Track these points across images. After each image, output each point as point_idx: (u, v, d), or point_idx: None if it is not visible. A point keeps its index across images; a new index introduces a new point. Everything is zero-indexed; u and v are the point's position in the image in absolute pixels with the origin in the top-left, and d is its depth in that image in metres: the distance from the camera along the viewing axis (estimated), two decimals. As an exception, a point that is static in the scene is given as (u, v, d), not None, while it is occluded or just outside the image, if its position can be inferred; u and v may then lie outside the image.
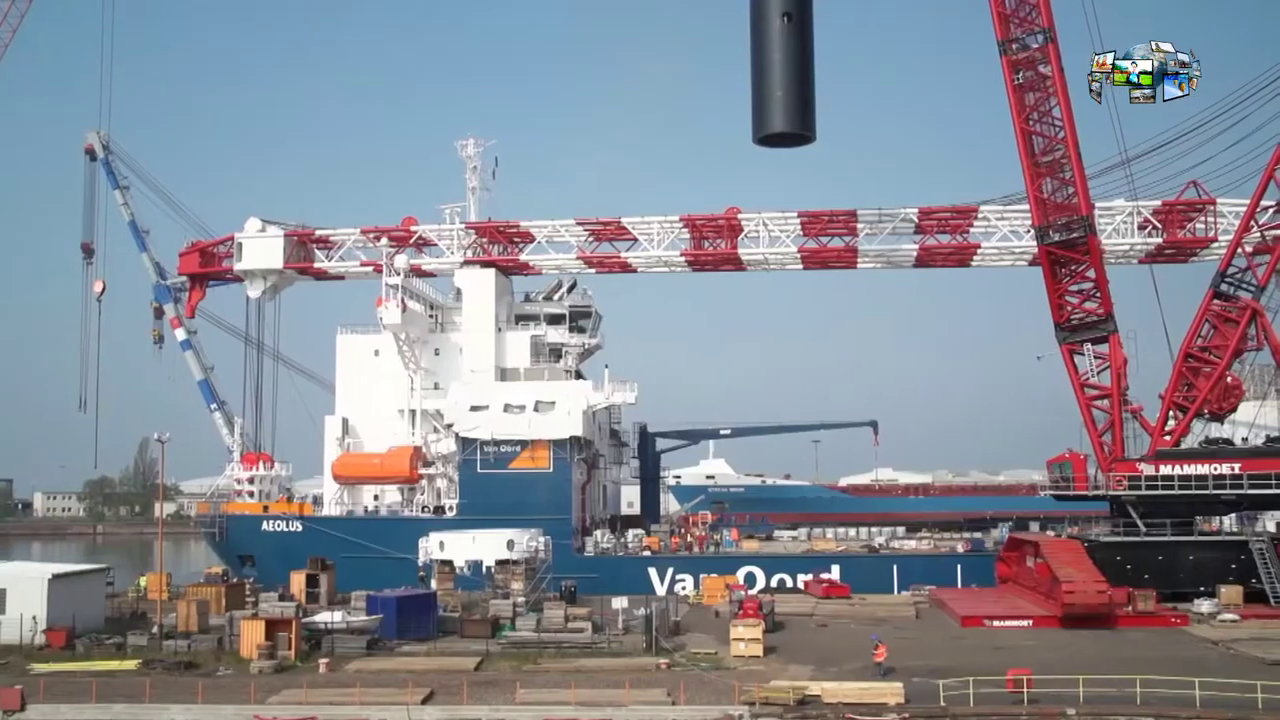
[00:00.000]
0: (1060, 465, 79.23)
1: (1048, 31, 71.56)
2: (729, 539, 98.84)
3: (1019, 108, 73.22)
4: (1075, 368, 76.14)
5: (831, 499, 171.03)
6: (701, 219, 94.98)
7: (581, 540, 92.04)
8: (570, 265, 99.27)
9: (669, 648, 57.73)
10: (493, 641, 60.07)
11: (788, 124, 72.17)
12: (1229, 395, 75.12)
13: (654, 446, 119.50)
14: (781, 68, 70.78)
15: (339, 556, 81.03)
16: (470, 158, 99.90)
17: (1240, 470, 72.77)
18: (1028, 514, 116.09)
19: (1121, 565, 71.56)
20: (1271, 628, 63.89)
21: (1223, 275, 74.51)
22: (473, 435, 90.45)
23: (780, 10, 69.30)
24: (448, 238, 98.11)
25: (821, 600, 77.82)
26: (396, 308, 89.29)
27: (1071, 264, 75.17)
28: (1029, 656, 53.45)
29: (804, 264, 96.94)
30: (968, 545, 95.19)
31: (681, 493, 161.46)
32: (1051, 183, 74.34)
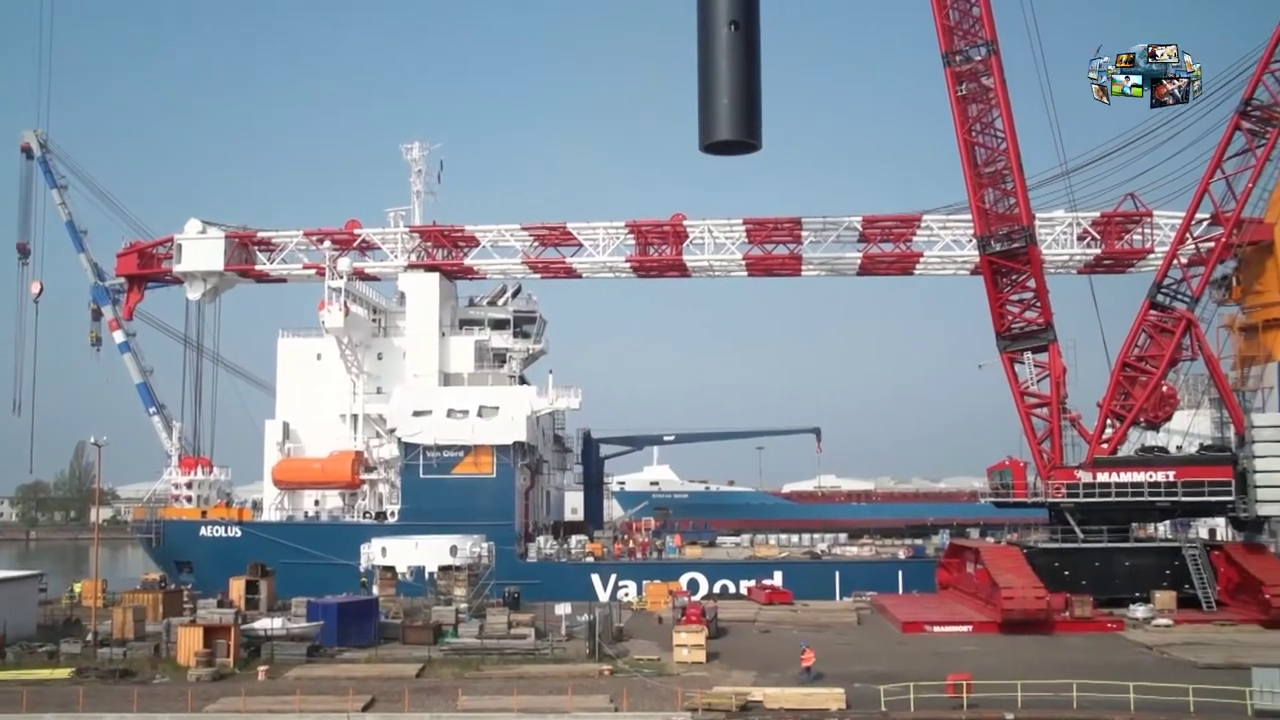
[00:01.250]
0: (1000, 473, 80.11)
1: (990, 44, 72.42)
2: (672, 545, 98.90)
3: (962, 119, 73.99)
4: (1015, 376, 76.97)
5: (775, 505, 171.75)
6: (647, 225, 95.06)
7: (525, 546, 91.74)
8: (515, 270, 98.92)
9: (612, 654, 57.67)
10: (435, 648, 59.72)
11: (734, 132, 72.85)
12: (1164, 404, 76.35)
13: (598, 452, 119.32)
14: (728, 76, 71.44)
15: (279, 562, 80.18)
16: (415, 161, 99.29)
17: (1174, 478, 73.96)
18: (968, 521, 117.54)
19: (1059, 571, 72.49)
20: (1203, 632, 65.10)
21: (1159, 286, 75.73)
22: (415, 440, 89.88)
23: (728, 19, 70.05)
24: (392, 241, 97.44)
25: (764, 606, 78.08)
26: (339, 311, 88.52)
27: (1012, 273, 76.03)
28: (969, 662, 54.01)
29: (749, 271, 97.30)
30: (909, 552, 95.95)
31: (625, 499, 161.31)
32: (993, 193, 75.17)
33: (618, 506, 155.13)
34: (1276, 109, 72.50)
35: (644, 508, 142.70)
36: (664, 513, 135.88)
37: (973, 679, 47.09)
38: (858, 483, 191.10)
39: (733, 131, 62.23)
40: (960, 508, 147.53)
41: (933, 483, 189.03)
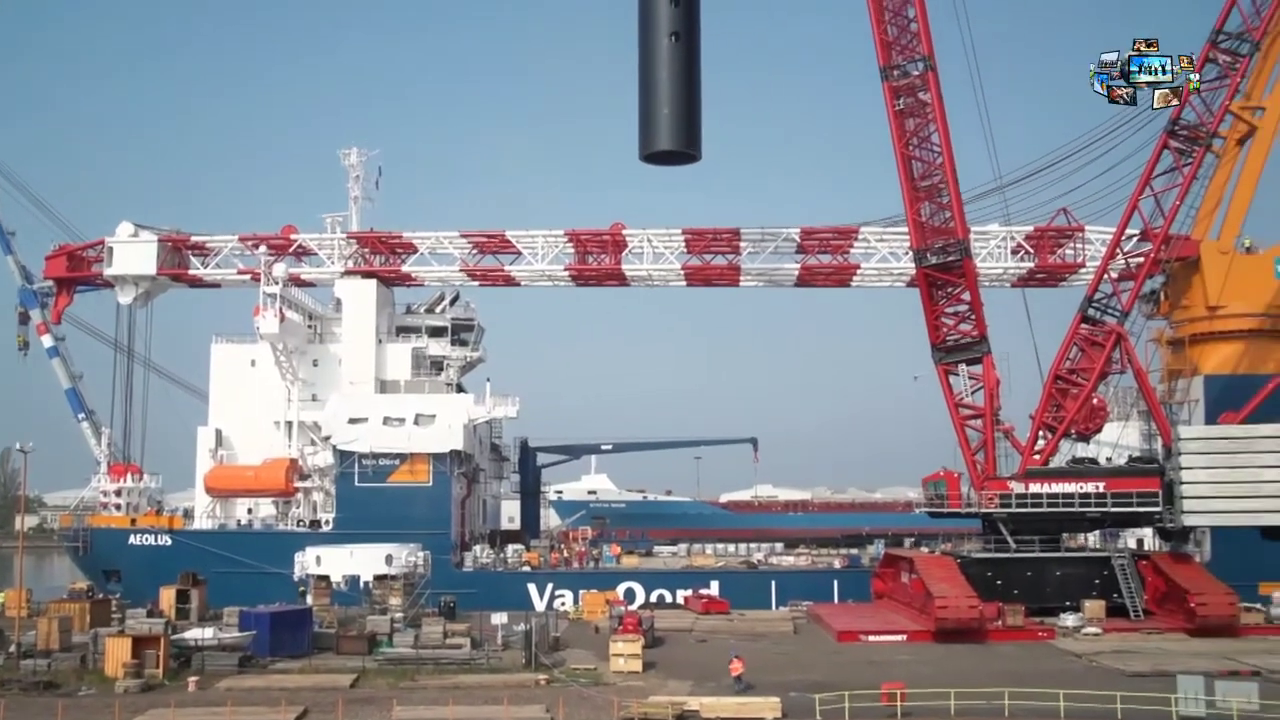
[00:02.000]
0: (935, 483, 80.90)
1: (928, 60, 73.32)
2: (609, 554, 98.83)
3: (899, 133, 74.81)
4: (950, 388, 77.81)
5: (712, 515, 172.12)
6: (586, 234, 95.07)
7: (461, 555, 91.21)
8: (453, 278, 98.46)
9: (548, 663, 57.45)
10: (369, 658, 59.12)
11: (674, 142, 72.96)
12: (1095, 416, 77.56)
13: (535, 461, 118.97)
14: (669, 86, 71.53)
15: (211, 571, 79.05)
16: (353, 167, 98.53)
17: (1104, 489, 75.11)
18: (903, 530, 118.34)
19: (992, 581, 73.34)
20: (1131, 641, 66.20)
21: (1090, 300, 76.96)
22: (351, 448, 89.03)
23: (668, 30, 70.19)
24: (328, 247, 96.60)
25: (701, 616, 78.22)
26: (274, 317, 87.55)
27: (948, 286, 76.91)
28: (903, 670, 54.51)
29: (687, 281, 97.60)
30: (845, 561, 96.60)
31: (563, 508, 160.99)
32: (930, 206, 76.03)
33: (555, 515, 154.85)
34: (1202, 129, 74.05)
35: (581, 517, 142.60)
36: (601, 522, 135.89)
37: (907, 687, 47.51)
38: (794, 492, 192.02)
39: (673, 142, 62.41)
40: (895, 518, 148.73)
41: (868, 493, 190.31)
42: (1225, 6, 73.46)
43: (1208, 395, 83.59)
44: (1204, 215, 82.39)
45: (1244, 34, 73.50)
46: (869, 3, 73.50)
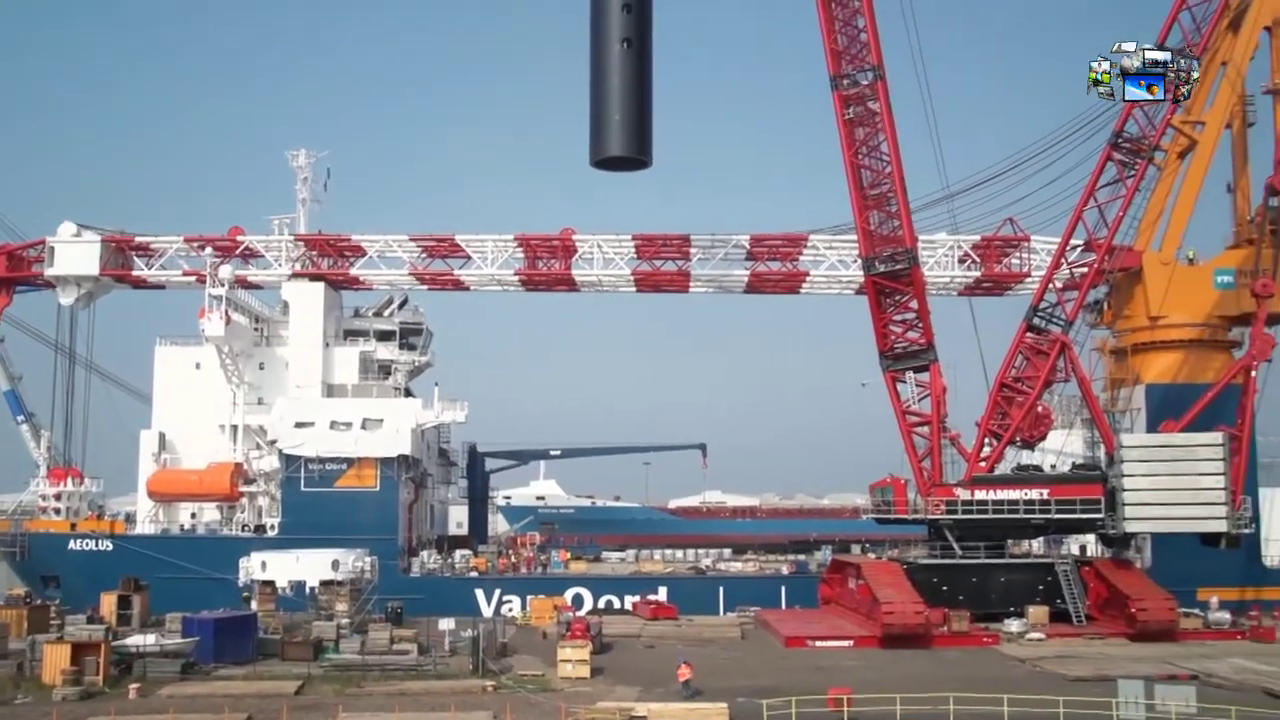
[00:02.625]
0: (882, 490, 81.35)
1: (877, 69, 73.94)
2: (557, 560, 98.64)
3: (849, 142, 75.35)
4: (898, 395, 78.39)
5: (660, 521, 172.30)
6: (536, 239, 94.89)
7: (408, 561, 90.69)
8: (402, 281, 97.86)
9: (496, 669, 57.27)
10: (315, 664, 58.64)
11: (624, 148, 73.09)
12: (1039, 424, 78.48)
13: (483, 466, 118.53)
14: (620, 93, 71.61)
15: (153, 577, 77.87)
16: (301, 169, 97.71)
17: (1048, 496, 75.95)
18: (850, 537, 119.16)
19: (938, 587, 73.97)
20: (1074, 646, 67.06)
21: (1035, 310, 77.88)
22: (297, 452, 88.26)
23: (620, 36, 70.31)
24: (276, 249, 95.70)
25: (649, 621, 78.27)
26: (220, 319, 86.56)
27: (896, 294, 77.51)
28: (850, 676, 54.79)
29: (637, 287, 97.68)
30: (792, 567, 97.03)
31: (511, 513, 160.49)
32: (878, 215, 76.61)
33: (503, 521, 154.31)
34: (1145, 142, 75.26)
35: (529, 522, 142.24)
36: (550, 527, 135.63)
37: (853, 692, 47.78)
38: (743, 499, 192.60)
39: (623, 148, 62.50)
40: (843, 524, 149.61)
41: (816, 499, 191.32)
42: (1166, 23, 74.76)
43: (1149, 404, 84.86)
44: (1146, 227, 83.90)
45: (1185, 50, 74.55)
46: (819, 12, 74.01)
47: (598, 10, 63.37)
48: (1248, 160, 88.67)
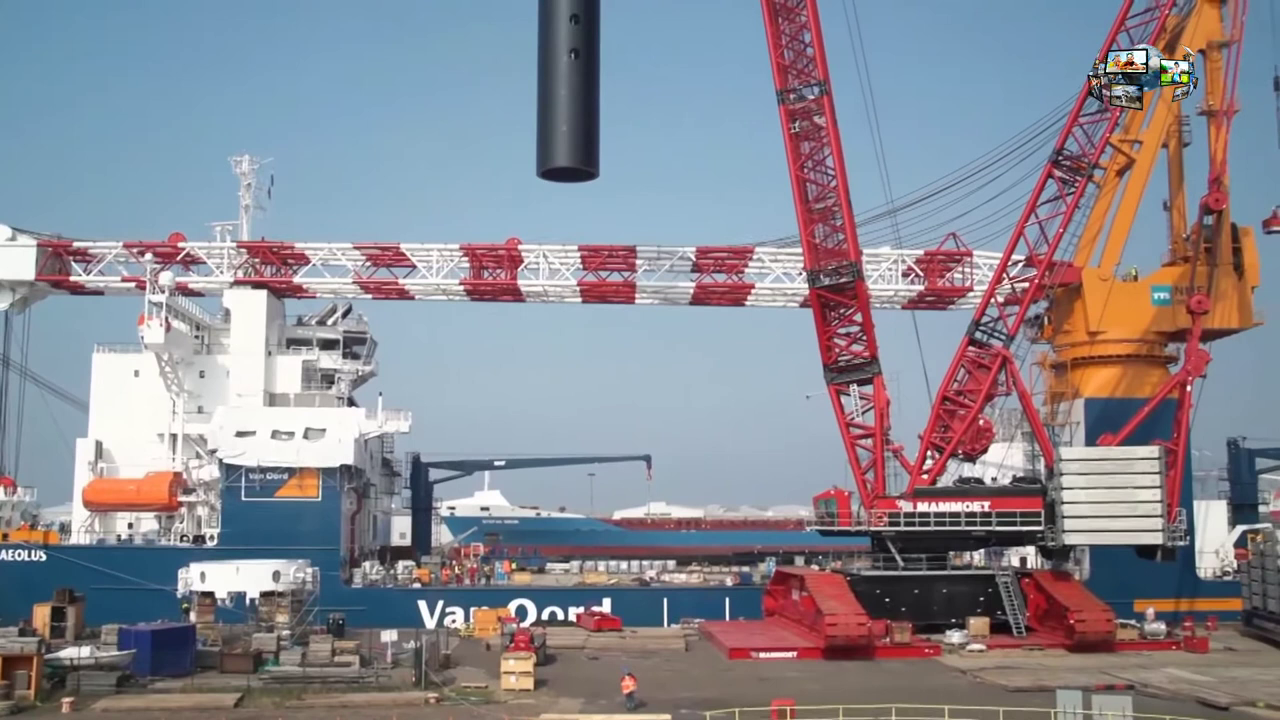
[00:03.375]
0: (825, 502, 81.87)
1: (823, 84, 74.55)
2: (501, 571, 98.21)
3: (794, 155, 75.85)
4: (842, 408, 78.84)
5: (605, 532, 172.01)
6: (482, 248, 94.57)
7: (350, 572, 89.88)
8: (346, 290, 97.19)
9: (439, 681, 56.85)
10: (254, 676, 57.79)
11: (572, 159, 73.26)
12: (981, 437, 79.34)
13: (427, 477, 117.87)
14: (567, 103, 71.79)
15: (89, 588, 76.56)
16: (244, 175, 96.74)
17: (989, 508, 76.73)
18: (794, 548, 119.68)
19: (881, 598, 74.48)
20: (1014, 656, 67.77)
21: (977, 324, 78.75)
22: (238, 462, 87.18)
23: (568, 47, 70.46)
24: (217, 256, 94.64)
25: (593, 633, 78.13)
26: (160, 327, 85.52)
27: (840, 307, 78.04)
28: (793, 687, 54.98)
29: (583, 298, 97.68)
30: (736, 579, 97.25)
31: (455, 524, 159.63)
32: (823, 229, 77.14)
33: (447, 532, 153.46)
34: (1085, 160, 76.51)
35: (473, 533, 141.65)
36: (494, 538, 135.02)
37: (796, 704, 47.95)
38: (687, 510, 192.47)
39: (571, 158, 62.55)
40: (787, 535, 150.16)
41: (761, 511, 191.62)
42: (1105, 43, 75.86)
43: (1088, 417, 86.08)
44: (1086, 243, 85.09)
45: (1123, 70, 75.91)
46: (767, 27, 74.54)
47: (546, 21, 63.46)
48: (1183, 179, 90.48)
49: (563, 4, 63.15)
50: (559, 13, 63.08)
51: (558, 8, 63.15)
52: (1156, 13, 76.01)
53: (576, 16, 63.03)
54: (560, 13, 63.08)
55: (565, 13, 63.34)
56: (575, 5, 63.14)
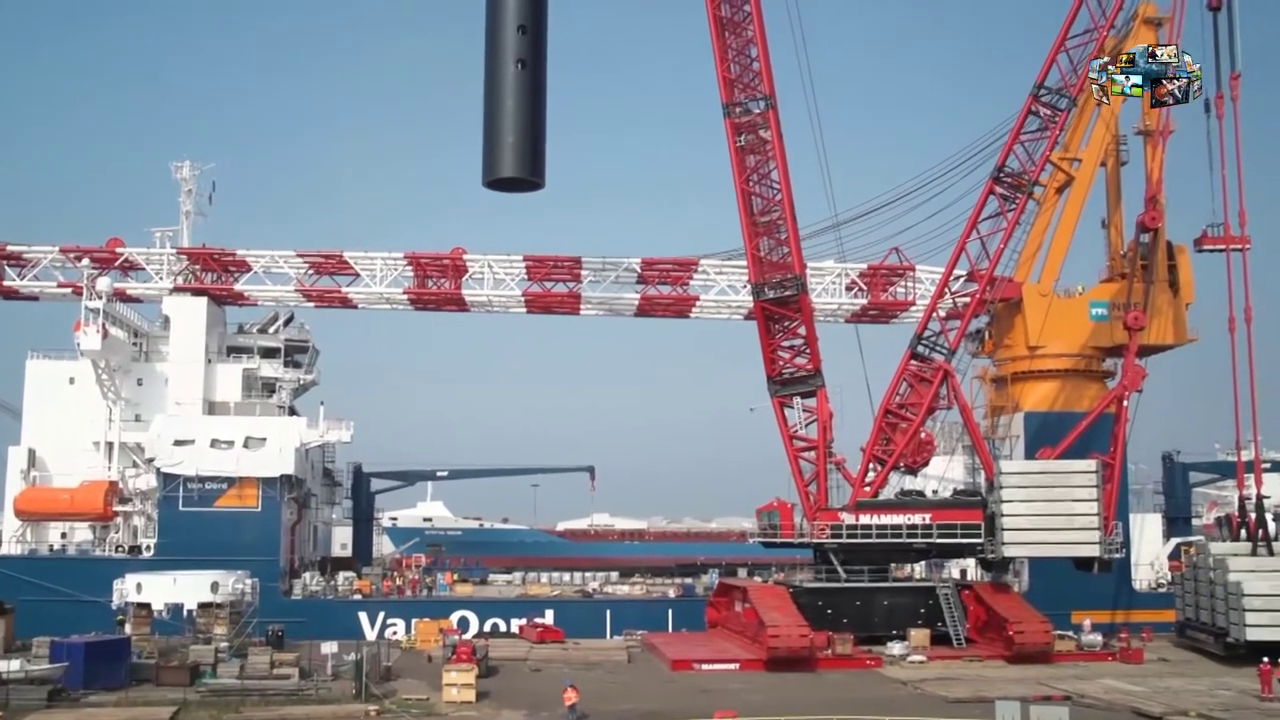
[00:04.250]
0: (768, 513, 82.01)
1: (769, 99, 75.05)
2: (443, 583, 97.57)
3: (740, 169, 76.27)
4: (785, 420, 79.24)
5: (549, 543, 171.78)
6: (426, 257, 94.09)
7: (290, 583, 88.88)
8: (288, 298, 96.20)
9: (379, 694, 56.30)
10: (191, 689, 56.94)
11: (518, 169, 73.21)
12: (922, 450, 79.99)
13: (369, 487, 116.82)
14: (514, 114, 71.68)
15: (19, 599, 74.76)
16: (185, 180, 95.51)
17: (930, 520, 77.39)
18: (737, 560, 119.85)
19: (823, 610, 74.80)
20: (954, 668, 68.29)
21: (919, 338, 79.52)
22: (176, 471, 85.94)
23: (515, 57, 70.41)
24: (157, 262, 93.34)
25: (535, 645, 77.72)
26: (96, 333, 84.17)
27: (784, 320, 78.48)
28: (735, 699, 55.07)
29: (528, 308, 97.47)
30: (679, 590, 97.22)
31: (397, 535, 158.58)
32: (768, 242, 77.58)
33: (388, 542, 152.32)
34: (1025, 177, 77.67)
35: (415, 544, 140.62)
36: (436, 549, 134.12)
37: (738, 715, 47.97)
38: (631, 522, 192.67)
39: (516, 169, 62.44)
40: (730, 547, 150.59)
41: (704, 522, 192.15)
42: (1046, 63, 77.39)
43: (1027, 431, 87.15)
44: (1026, 259, 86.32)
45: (1063, 90, 77.49)
46: (714, 41, 74.96)
47: (493, 31, 63.33)
48: (1121, 198, 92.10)
49: (510, 14, 63.06)
50: (506, 22, 62.97)
51: (505, 17, 63.05)
52: (1095, 34, 77.29)
53: (524, 27, 62.93)
54: (507, 22, 62.96)
55: (512, 23, 63.22)
56: (522, 15, 63.08)
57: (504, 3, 64.18)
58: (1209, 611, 74.10)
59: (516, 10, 62.90)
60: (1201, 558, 77.27)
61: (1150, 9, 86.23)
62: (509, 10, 62.92)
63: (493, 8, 63.78)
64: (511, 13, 62.82)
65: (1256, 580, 70.02)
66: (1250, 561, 72.74)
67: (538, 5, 63.58)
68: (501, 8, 63.22)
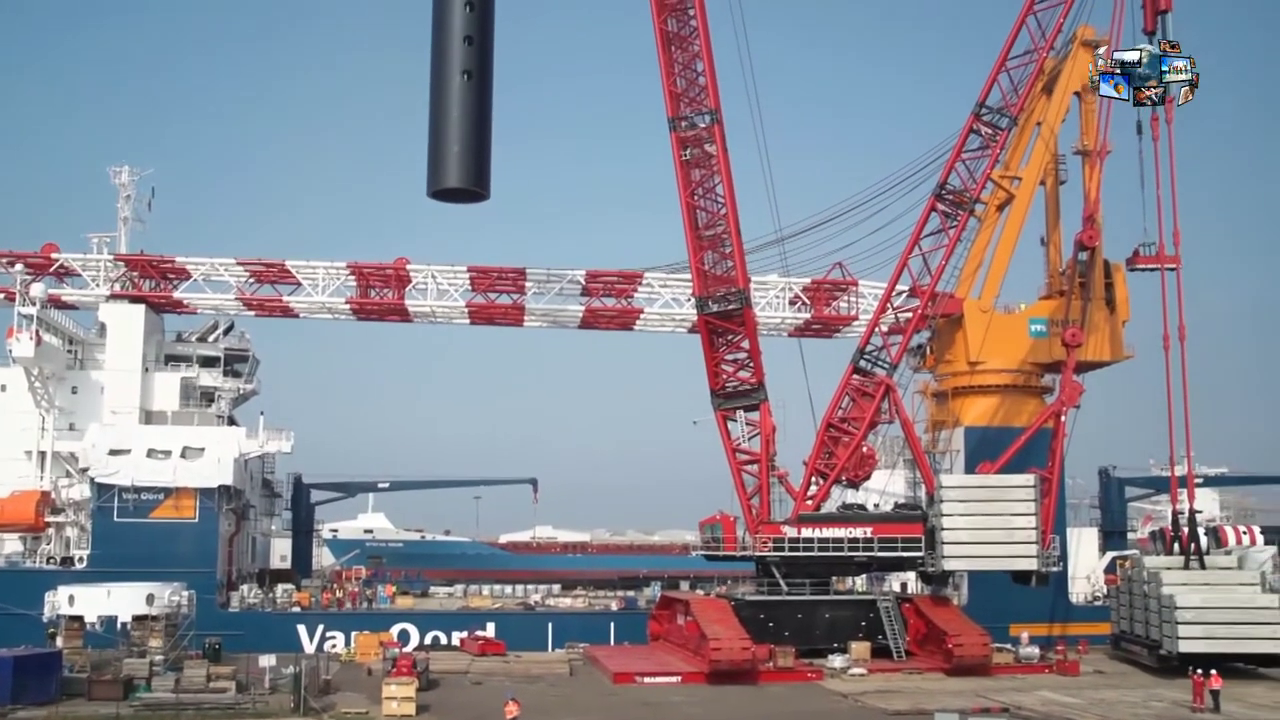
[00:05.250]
0: (711, 526, 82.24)
1: (714, 113, 75.40)
2: (383, 595, 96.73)
3: (685, 183, 76.50)
4: (728, 433, 79.48)
5: (490, 556, 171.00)
6: (369, 267, 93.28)
7: (227, 595, 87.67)
8: (228, 306, 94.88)
9: (318, 707, 55.72)
10: (124, 704, 55.93)
11: (463, 180, 73.23)
12: (864, 464, 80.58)
13: (309, 498, 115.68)
14: (459, 124, 71.73)
15: (-55, 613, 73.53)
16: (124, 185, 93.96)
17: (872, 534, 77.85)
18: (680, 573, 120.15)
19: (764, 623, 75.00)
20: (894, 680, 68.75)
21: (862, 352, 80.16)
22: (111, 481, 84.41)
23: (461, 68, 70.46)
24: (93, 268, 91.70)
25: (477, 658, 77.29)
26: (30, 340, 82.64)
27: (728, 334, 78.75)
28: (676, 712, 55.17)
29: (471, 319, 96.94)
30: (621, 603, 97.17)
31: (337, 547, 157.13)
32: (712, 255, 77.85)
33: (329, 554, 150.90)
34: (966, 195, 78.75)
35: (355, 556, 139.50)
36: (377, 561, 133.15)
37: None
38: (573, 534, 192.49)
39: (461, 179, 62.26)
40: (672, 560, 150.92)
41: (647, 535, 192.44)
42: (987, 83, 78.60)
43: (968, 445, 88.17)
44: (967, 275, 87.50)
45: (1003, 109, 78.74)
46: (660, 55, 75.17)
47: (439, 41, 63.29)
48: (1060, 216, 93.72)
49: (456, 24, 63.00)
50: (452, 33, 62.86)
51: (451, 28, 62.99)
52: (1036, 55, 78.65)
53: (470, 38, 62.92)
54: (454, 33, 62.87)
55: (459, 33, 63.14)
56: (469, 26, 63.05)
57: (450, 14, 64.14)
58: (1143, 624, 75.22)
59: (463, 21, 62.80)
60: (1136, 571, 78.41)
61: (1089, 32, 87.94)
62: (455, 21, 62.82)
63: (439, 18, 63.72)
64: (458, 24, 62.73)
65: (1188, 593, 71.19)
66: (1183, 575, 73.87)
67: (484, 16, 63.57)
68: (448, 18, 63.17)
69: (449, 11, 65.85)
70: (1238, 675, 66.40)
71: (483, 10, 66.75)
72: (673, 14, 74.78)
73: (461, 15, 64.65)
